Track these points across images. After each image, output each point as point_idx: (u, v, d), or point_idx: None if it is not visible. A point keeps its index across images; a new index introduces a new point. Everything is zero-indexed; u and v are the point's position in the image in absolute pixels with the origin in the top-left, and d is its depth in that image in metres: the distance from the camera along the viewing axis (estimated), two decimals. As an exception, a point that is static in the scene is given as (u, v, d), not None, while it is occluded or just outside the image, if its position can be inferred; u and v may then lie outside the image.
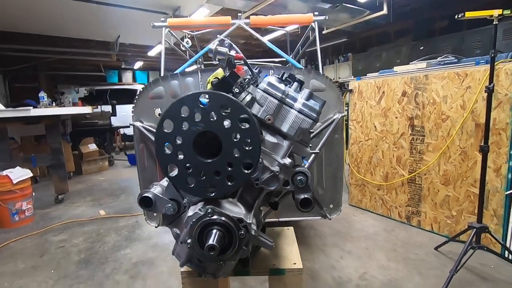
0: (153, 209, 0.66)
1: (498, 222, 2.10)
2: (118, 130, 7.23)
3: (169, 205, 0.67)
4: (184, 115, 0.52)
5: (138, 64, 9.73)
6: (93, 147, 5.59)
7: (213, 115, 0.54)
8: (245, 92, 0.71)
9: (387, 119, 2.79)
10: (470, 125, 2.20)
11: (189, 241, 0.64)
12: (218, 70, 0.81)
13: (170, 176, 0.55)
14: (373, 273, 2.01)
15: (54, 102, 4.56)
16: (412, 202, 2.64)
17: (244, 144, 0.53)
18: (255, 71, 0.88)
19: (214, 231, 0.61)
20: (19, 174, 3.05)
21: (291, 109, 0.70)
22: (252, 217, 0.70)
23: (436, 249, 2.24)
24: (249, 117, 0.53)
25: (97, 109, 6.15)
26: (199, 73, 1.45)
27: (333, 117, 1.44)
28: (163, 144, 0.53)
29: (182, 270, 0.82)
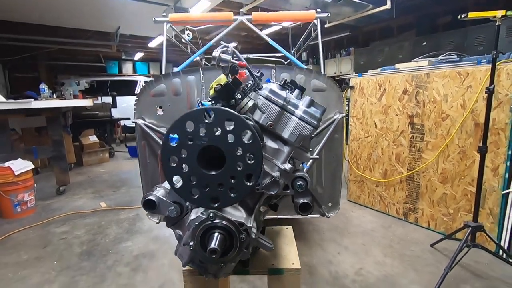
0: (156, 211, 0.69)
1: (494, 221, 2.13)
2: (118, 122, 7.23)
3: (172, 207, 0.69)
4: (189, 130, 0.53)
5: (139, 55, 9.68)
6: (93, 138, 5.60)
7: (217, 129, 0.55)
8: (247, 97, 0.73)
9: (387, 117, 2.80)
10: (470, 124, 2.21)
11: (191, 243, 0.66)
12: (221, 75, 0.82)
13: (175, 187, 0.56)
14: (369, 268, 2.05)
15: (54, 94, 4.56)
16: (410, 199, 2.67)
17: (246, 157, 0.55)
18: (256, 74, 0.89)
19: (216, 235, 0.63)
20: (21, 166, 3.08)
21: (292, 116, 0.72)
22: (253, 221, 0.72)
23: (432, 246, 2.28)
24: (252, 133, 0.54)
25: (98, 100, 6.15)
26: (201, 72, 1.45)
27: (334, 117, 1.45)
28: (169, 157, 0.55)
29: (184, 268, 0.85)
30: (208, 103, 0.82)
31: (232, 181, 0.56)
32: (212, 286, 0.83)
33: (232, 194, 0.57)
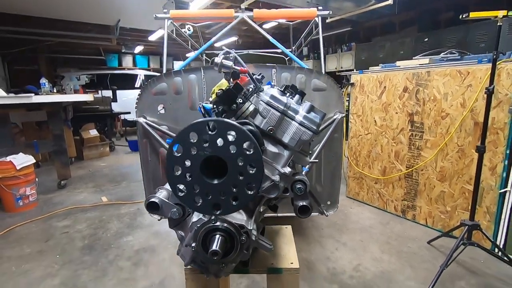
0: (159, 213, 0.71)
1: (491, 219, 2.16)
2: (118, 116, 7.23)
3: (175, 209, 0.71)
4: (193, 140, 0.55)
5: (139, 49, 9.62)
6: (94, 132, 5.61)
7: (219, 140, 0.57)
8: (248, 102, 0.74)
9: (387, 114, 2.81)
10: (469, 123, 2.22)
11: (193, 244, 0.69)
12: (223, 80, 0.83)
13: (179, 195, 0.58)
14: (366, 265, 2.08)
15: (54, 87, 4.54)
16: (408, 196, 2.70)
17: (248, 168, 0.57)
18: (257, 77, 0.90)
19: (217, 237, 0.65)
20: (22, 160, 3.10)
21: (293, 121, 0.73)
22: (253, 223, 0.74)
23: (429, 243, 2.31)
24: (253, 145, 0.56)
25: (98, 94, 6.14)
26: (202, 71, 1.46)
27: (334, 117, 1.47)
28: (173, 166, 0.57)
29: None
30: (209, 105, 0.84)
31: (234, 189, 0.58)
32: (213, 283, 0.86)
33: (234, 202, 0.59)
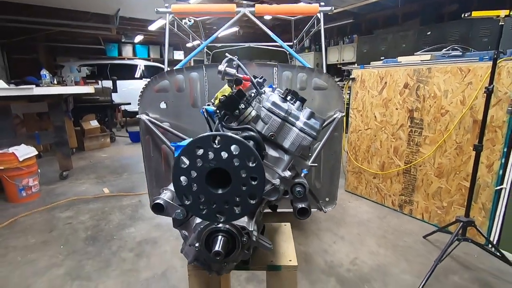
0: (164, 213, 0.74)
1: (486, 215, 2.20)
2: (119, 107, 7.22)
3: (179, 211, 0.74)
4: (198, 153, 0.57)
5: (139, 38, 9.53)
6: (94, 123, 5.63)
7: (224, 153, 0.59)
8: (251, 107, 0.76)
9: (387, 110, 2.82)
10: (468, 121, 2.24)
11: (197, 244, 0.72)
12: (226, 86, 0.85)
13: (185, 203, 0.61)
14: (363, 258, 2.14)
15: (54, 78, 4.52)
16: (406, 191, 2.74)
17: (250, 179, 0.59)
18: (259, 80, 0.92)
19: (220, 238, 0.68)
20: (25, 151, 3.12)
21: (293, 127, 0.76)
22: (254, 224, 0.78)
23: (424, 237, 2.36)
24: (255, 158, 0.58)
25: (98, 85, 6.12)
26: (204, 69, 1.47)
27: (334, 116, 1.49)
28: (180, 177, 0.59)
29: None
30: (212, 108, 0.86)
31: (237, 199, 0.61)
32: (215, 278, 0.90)
33: (237, 211, 0.62)
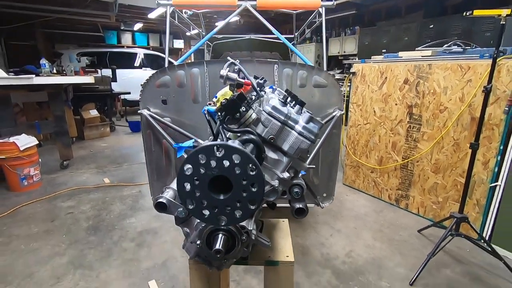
0: (167, 212, 0.77)
1: (480, 211, 2.25)
2: (119, 96, 7.19)
3: (181, 209, 0.77)
4: (202, 162, 0.60)
5: (138, 26, 9.40)
6: (94, 113, 5.62)
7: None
8: (251, 110, 0.78)
9: (387, 105, 2.83)
10: (466, 118, 2.26)
11: (198, 242, 0.75)
12: (227, 89, 0.87)
13: (189, 208, 0.64)
14: (358, 251, 2.19)
15: (53, 67, 4.49)
16: (403, 186, 2.78)
17: (251, 186, 0.62)
18: (260, 81, 0.94)
19: (220, 236, 0.72)
20: (25, 141, 3.14)
21: (292, 131, 0.78)
22: (253, 223, 0.81)
23: (419, 231, 2.42)
24: (255, 167, 0.61)
25: (97, 74, 6.08)
26: (205, 65, 1.48)
27: (333, 113, 1.50)
28: (184, 183, 0.62)
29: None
30: (213, 108, 0.88)
31: (238, 204, 0.64)
32: (215, 272, 0.94)
33: (237, 215, 0.65)
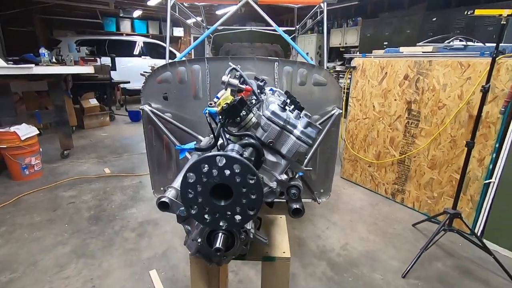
0: (169, 210, 0.80)
1: (473, 207, 2.30)
2: (118, 86, 7.15)
3: (183, 208, 0.80)
4: (204, 170, 0.62)
5: (137, 13, 9.26)
6: (94, 102, 5.61)
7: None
8: (251, 114, 0.80)
9: (386, 100, 2.85)
10: (464, 115, 2.28)
11: (199, 240, 0.79)
12: (228, 93, 0.89)
13: (192, 213, 0.67)
14: (353, 244, 2.25)
15: (52, 55, 4.45)
16: (399, 181, 2.83)
17: (250, 194, 0.65)
18: (260, 83, 0.95)
19: (220, 235, 0.75)
20: (26, 131, 3.16)
21: (291, 135, 0.81)
22: (251, 222, 0.85)
23: (413, 225, 2.47)
24: (255, 176, 0.63)
25: (96, 62, 6.04)
26: (206, 62, 1.48)
27: (332, 112, 1.53)
28: (187, 190, 0.65)
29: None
30: (214, 109, 0.90)
31: (238, 210, 0.67)
32: (214, 266, 0.98)
33: (237, 220, 0.68)
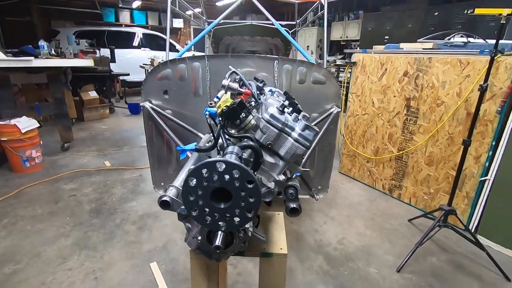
0: (170, 209, 0.83)
1: (468, 203, 2.34)
2: (118, 78, 7.12)
3: (183, 207, 0.83)
4: (205, 175, 0.65)
5: (136, 4, 9.13)
6: (93, 94, 5.60)
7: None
8: (251, 116, 0.82)
9: (385, 97, 2.86)
10: (462, 113, 2.30)
11: (199, 238, 0.82)
12: (228, 96, 0.90)
13: (193, 214, 0.70)
14: (350, 238, 2.30)
15: (51, 47, 4.41)
16: (397, 176, 2.86)
17: (248, 197, 0.68)
18: (259, 84, 0.97)
19: (220, 233, 0.78)
20: (26, 124, 3.17)
21: (289, 138, 0.83)
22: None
23: (409, 221, 2.52)
24: (254, 181, 0.66)
25: (96, 54, 6.00)
26: (206, 59, 1.49)
27: (330, 110, 1.54)
28: (188, 194, 0.67)
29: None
30: (214, 109, 0.92)
31: (237, 212, 0.70)
32: (214, 263, 1.01)
33: (236, 221, 0.71)
